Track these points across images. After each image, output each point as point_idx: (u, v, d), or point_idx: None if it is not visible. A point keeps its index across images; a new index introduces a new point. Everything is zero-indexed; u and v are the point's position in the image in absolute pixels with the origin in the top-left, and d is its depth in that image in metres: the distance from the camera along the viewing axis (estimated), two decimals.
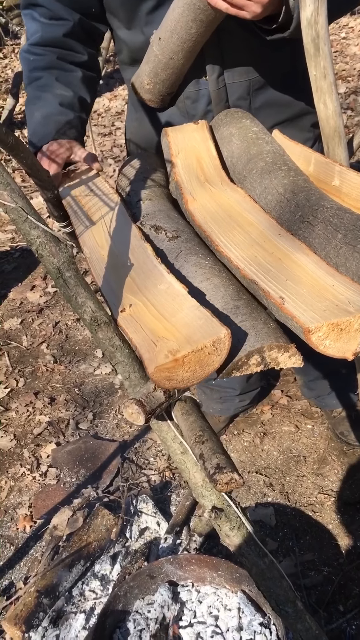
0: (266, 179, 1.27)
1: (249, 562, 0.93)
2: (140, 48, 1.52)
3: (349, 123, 4.41)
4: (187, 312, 0.89)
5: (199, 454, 0.84)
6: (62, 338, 3.14)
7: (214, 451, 0.82)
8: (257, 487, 2.16)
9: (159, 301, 0.94)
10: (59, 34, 1.52)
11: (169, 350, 0.81)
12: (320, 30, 1.10)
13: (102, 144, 5.02)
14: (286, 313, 0.87)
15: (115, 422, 2.57)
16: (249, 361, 0.85)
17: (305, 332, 0.82)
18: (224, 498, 0.92)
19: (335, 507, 2.05)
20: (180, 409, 0.92)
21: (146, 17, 1.46)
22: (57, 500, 2.21)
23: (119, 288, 1.01)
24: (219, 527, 0.92)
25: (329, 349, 0.84)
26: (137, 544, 1.94)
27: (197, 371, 0.81)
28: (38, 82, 1.53)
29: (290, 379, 2.61)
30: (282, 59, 1.52)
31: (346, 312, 0.84)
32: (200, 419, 0.90)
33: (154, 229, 1.21)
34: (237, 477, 0.79)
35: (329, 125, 1.21)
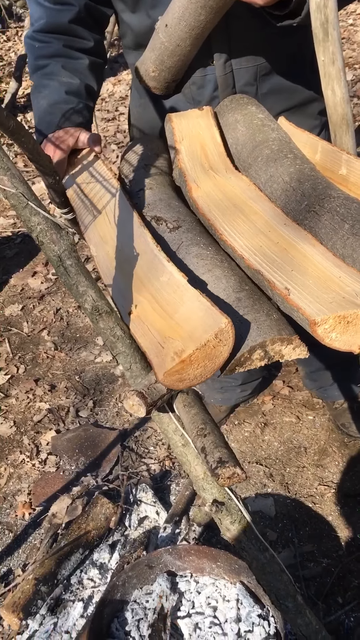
0: (272, 167, 1.24)
1: (250, 556, 0.92)
2: (145, 32, 1.49)
3: (356, 111, 4.36)
4: (188, 304, 0.87)
5: (201, 448, 0.82)
6: (63, 325, 3.13)
7: (216, 445, 0.81)
8: (257, 478, 2.16)
9: (162, 296, 0.92)
10: (65, 20, 1.49)
11: (175, 352, 0.79)
12: (329, 15, 1.07)
13: (105, 129, 4.97)
14: (291, 304, 0.85)
15: (115, 410, 2.56)
16: (252, 356, 0.83)
17: (311, 325, 0.80)
18: (225, 491, 0.91)
19: (335, 499, 2.04)
20: (182, 401, 0.91)
21: (152, 1, 1.43)
22: (57, 488, 2.20)
23: (126, 287, 0.98)
24: (219, 520, 0.91)
25: (335, 342, 0.82)
26: (136, 533, 1.93)
27: (207, 365, 0.80)
28: (44, 70, 1.50)
29: (292, 370, 2.60)
30: (290, 45, 1.48)
31: (353, 304, 0.82)
32: (202, 411, 0.89)
33: (155, 220, 1.19)
34: (240, 471, 0.78)
35: (337, 112, 1.19)
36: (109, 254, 1.11)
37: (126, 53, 1.65)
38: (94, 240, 1.20)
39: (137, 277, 0.99)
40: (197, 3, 1.27)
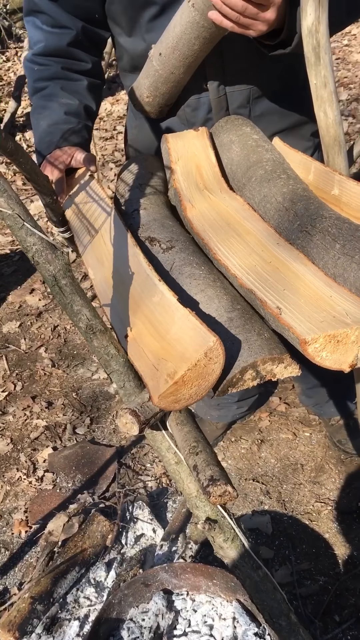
0: (265, 187, 1.26)
1: (243, 574, 0.92)
2: (140, 55, 1.52)
3: (350, 130, 4.41)
4: (179, 324, 0.88)
5: (193, 465, 0.83)
6: (60, 342, 3.14)
7: (208, 463, 0.82)
8: (254, 495, 2.15)
9: (155, 317, 0.93)
10: (63, 44, 1.52)
11: (168, 374, 0.80)
12: (321, 39, 1.09)
13: (103, 147, 5.02)
14: (283, 324, 0.86)
15: (112, 427, 2.56)
16: (244, 377, 0.84)
17: (301, 344, 0.81)
18: (218, 509, 0.92)
19: (332, 516, 2.04)
20: (175, 419, 0.91)
21: (147, 24, 1.46)
22: (53, 506, 2.20)
23: (123, 310, 1.00)
24: (212, 538, 0.91)
25: (325, 361, 0.83)
26: (133, 551, 1.93)
27: (201, 384, 0.81)
28: (43, 92, 1.53)
29: (289, 386, 2.60)
30: (283, 69, 1.51)
31: (343, 323, 0.84)
32: (194, 429, 0.89)
33: (149, 241, 1.21)
34: (231, 489, 0.78)
35: (329, 134, 1.21)
36: (106, 278, 1.13)
37: (122, 75, 1.67)
38: (91, 263, 1.22)
39: (132, 299, 1.00)
40: (191, 34, 1.30)
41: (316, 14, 1.06)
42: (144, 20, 1.46)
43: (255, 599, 0.92)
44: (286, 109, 1.59)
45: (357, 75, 5.53)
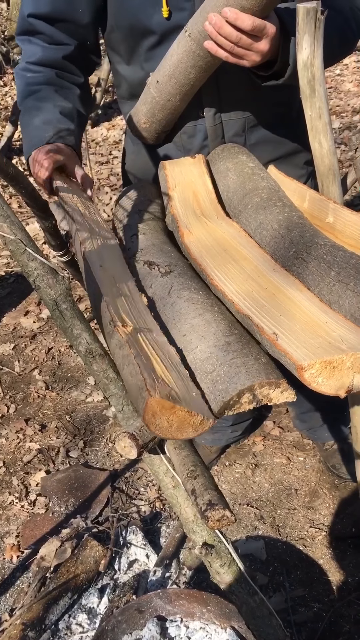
0: (261, 214, 1.29)
1: (239, 600, 0.92)
2: (139, 83, 1.55)
3: (343, 158, 4.49)
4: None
5: (191, 490, 0.83)
6: (54, 364, 3.13)
7: (206, 487, 0.82)
8: (248, 520, 2.14)
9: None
10: (59, 56, 1.52)
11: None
12: (316, 73, 1.13)
13: (99, 172, 5.07)
14: (279, 349, 0.88)
15: (106, 451, 2.55)
16: (241, 400, 0.85)
17: (298, 369, 0.82)
18: (215, 534, 0.92)
19: (326, 542, 2.03)
20: (173, 442, 0.92)
21: (146, 53, 1.50)
22: (46, 530, 2.18)
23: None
24: (209, 563, 0.91)
25: (321, 386, 0.84)
26: (126, 577, 1.91)
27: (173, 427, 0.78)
28: (37, 94, 1.51)
29: (283, 410, 2.61)
30: (278, 99, 1.55)
31: (339, 349, 0.85)
32: (192, 453, 0.90)
33: (147, 265, 1.22)
34: (229, 514, 0.79)
35: (324, 163, 1.24)
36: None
37: (120, 103, 1.71)
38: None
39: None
40: (188, 62, 1.33)
41: (311, 48, 1.09)
42: (142, 49, 1.50)
43: (251, 625, 0.92)
44: (280, 139, 1.63)
45: (349, 104, 5.64)
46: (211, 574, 0.93)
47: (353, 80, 6.17)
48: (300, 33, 1.09)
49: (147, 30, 1.46)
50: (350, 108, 5.55)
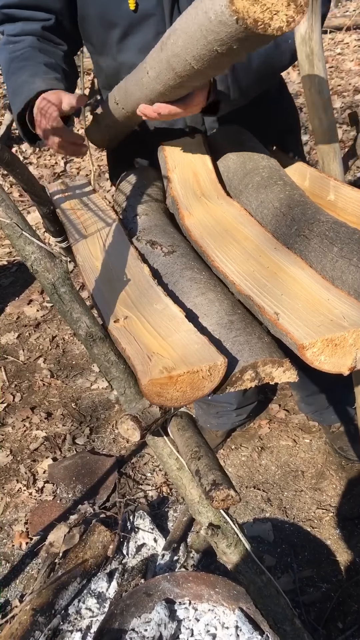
0: (262, 193, 1.27)
1: (247, 580, 0.92)
2: (112, 75, 1.53)
3: (345, 138, 4.44)
4: (183, 334, 0.89)
5: (195, 470, 0.83)
6: (59, 352, 3.13)
7: (210, 467, 0.82)
8: (255, 503, 2.15)
9: (154, 320, 0.94)
10: (39, 27, 1.49)
11: (164, 366, 0.81)
12: (314, 47, 1.11)
13: (99, 158, 5.04)
14: (281, 329, 0.87)
15: (112, 437, 2.55)
16: (243, 377, 0.84)
17: (299, 348, 0.82)
18: (220, 515, 0.91)
19: (333, 523, 2.03)
20: (176, 424, 0.91)
21: (117, 45, 1.47)
22: (54, 517, 2.19)
23: (112, 299, 1.00)
24: (215, 544, 0.91)
25: (324, 365, 0.83)
26: (134, 561, 1.92)
27: (187, 392, 0.81)
28: (20, 57, 1.47)
29: (288, 393, 2.60)
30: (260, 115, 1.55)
31: (340, 327, 0.84)
32: (196, 434, 0.89)
33: (150, 244, 1.21)
34: (234, 493, 0.78)
35: (325, 140, 1.22)
36: (97, 267, 1.13)
37: (103, 92, 1.68)
38: (82, 253, 1.23)
39: (127, 296, 1.01)
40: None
41: (309, 22, 1.07)
42: (112, 41, 1.47)
43: (259, 604, 0.92)
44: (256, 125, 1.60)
45: (350, 83, 5.57)
46: (218, 554, 0.93)
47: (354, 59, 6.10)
48: None
49: (115, 22, 1.43)
50: (352, 87, 5.49)
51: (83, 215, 1.41)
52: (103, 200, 1.48)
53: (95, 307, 1.02)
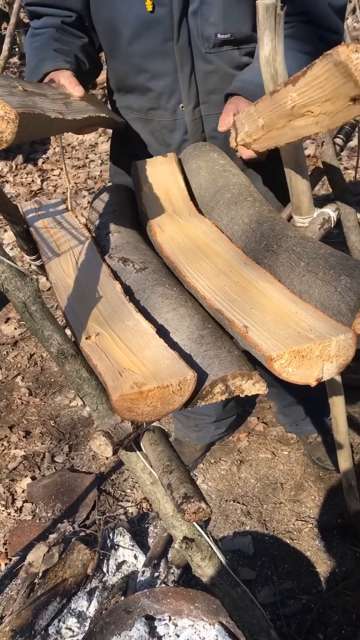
0: (232, 209, 1.30)
1: (222, 592, 0.93)
2: (121, 78, 1.59)
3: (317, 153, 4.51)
4: (154, 350, 0.90)
5: (167, 484, 0.84)
6: (37, 370, 3.12)
7: (182, 481, 0.83)
8: (235, 516, 2.15)
9: (126, 336, 0.95)
10: (58, 21, 1.57)
11: (135, 382, 0.82)
12: (278, 68, 1.13)
13: (76, 176, 5.06)
14: (250, 342, 0.88)
15: (91, 454, 2.54)
16: (213, 390, 0.86)
17: (267, 360, 0.83)
18: (194, 528, 0.92)
19: (313, 534, 2.05)
20: (149, 439, 0.92)
21: (126, 48, 1.52)
22: (33, 536, 2.17)
23: (84, 316, 1.01)
24: (190, 557, 0.92)
25: (291, 376, 0.85)
26: (114, 579, 1.91)
27: (157, 407, 0.82)
28: (37, 46, 1.55)
29: (266, 406, 2.62)
30: None
31: (307, 339, 0.86)
32: (168, 448, 0.90)
33: (122, 261, 1.23)
34: (205, 506, 0.79)
35: (291, 157, 1.25)
36: (69, 285, 1.15)
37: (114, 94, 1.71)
38: (55, 271, 1.24)
39: (99, 313, 1.02)
40: None
41: (272, 44, 1.10)
42: (120, 45, 1.53)
43: (234, 616, 0.93)
44: None
45: None
46: (193, 567, 0.94)
47: None
48: (260, 29, 1.10)
49: (124, 25, 1.48)
50: None
51: (56, 234, 1.43)
52: (76, 219, 1.50)
53: (68, 324, 1.03)
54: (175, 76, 1.54)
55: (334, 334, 0.86)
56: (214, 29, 1.47)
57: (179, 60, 1.51)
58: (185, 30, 1.47)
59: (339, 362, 0.88)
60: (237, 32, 1.49)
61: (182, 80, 1.53)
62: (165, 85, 1.56)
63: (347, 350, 0.88)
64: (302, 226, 1.35)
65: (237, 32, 1.49)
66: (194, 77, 1.54)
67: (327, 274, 0.98)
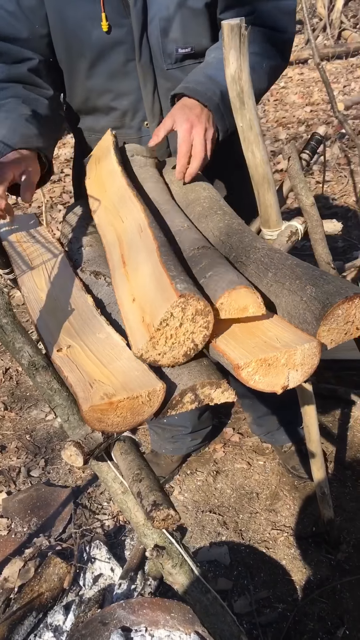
0: (203, 222, 1.33)
1: (193, 599, 0.94)
2: (83, 100, 1.60)
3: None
4: (125, 362, 0.92)
5: (137, 492, 0.85)
6: (12, 384, 3.11)
7: (151, 489, 0.84)
8: (211, 527, 2.16)
9: (96, 348, 0.96)
10: (24, 70, 1.53)
11: (105, 393, 0.83)
12: (244, 86, 1.17)
13: (51, 190, 5.07)
14: (218, 350, 0.91)
15: (67, 468, 2.54)
16: (183, 399, 0.88)
17: (235, 368, 0.86)
18: (165, 536, 0.94)
19: (288, 542, 2.06)
20: (119, 448, 0.94)
21: (86, 72, 1.53)
22: (8, 552, 2.15)
23: (55, 329, 1.03)
24: (161, 565, 0.93)
25: (258, 384, 0.88)
26: (91, 592, 1.90)
27: (127, 418, 0.84)
28: (4, 107, 1.50)
29: (242, 417, 2.64)
30: None
31: (273, 347, 0.88)
32: (138, 457, 0.92)
33: (94, 275, 1.24)
34: (174, 513, 0.81)
35: (258, 172, 1.28)
36: (41, 298, 1.16)
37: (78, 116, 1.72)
38: (27, 285, 1.25)
39: (71, 326, 1.04)
40: None
41: (238, 62, 1.13)
42: (80, 69, 1.53)
43: (205, 622, 0.94)
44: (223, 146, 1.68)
45: (294, 115, 5.78)
46: (164, 576, 0.95)
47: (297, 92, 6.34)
48: (226, 48, 1.13)
49: (85, 47, 1.50)
50: (296, 119, 5.69)
51: (29, 248, 1.44)
52: (49, 233, 1.51)
53: (40, 337, 1.04)
54: (138, 94, 1.56)
55: (299, 343, 0.89)
56: (174, 44, 1.50)
57: (141, 78, 1.53)
58: (146, 49, 1.50)
59: (304, 370, 0.91)
60: (197, 45, 1.52)
61: (145, 97, 1.56)
62: (129, 104, 1.58)
63: (311, 359, 0.90)
64: (271, 238, 1.38)
65: (197, 45, 1.52)
66: (157, 94, 1.57)
67: (294, 284, 1.01)
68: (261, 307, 0.93)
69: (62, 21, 1.48)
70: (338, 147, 4.66)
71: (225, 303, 0.93)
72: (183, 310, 0.87)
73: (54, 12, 1.48)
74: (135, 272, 1.05)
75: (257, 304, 0.93)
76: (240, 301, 0.93)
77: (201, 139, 1.37)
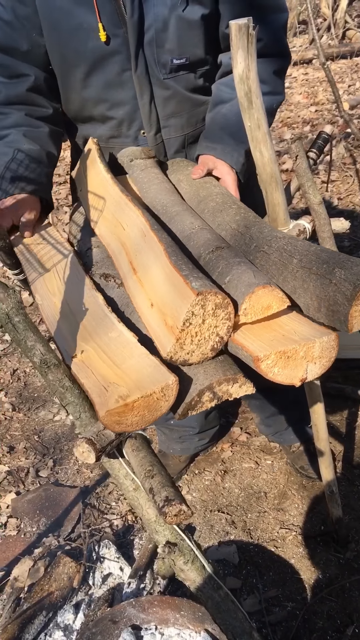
0: (219, 216, 1.33)
1: (204, 596, 0.94)
2: (78, 109, 1.60)
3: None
4: (137, 359, 0.92)
5: (149, 488, 0.86)
6: (20, 385, 3.12)
7: (163, 484, 0.85)
8: (220, 526, 2.17)
9: (110, 348, 0.97)
10: (22, 89, 1.56)
11: (120, 395, 0.84)
12: (252, 85, 1.17)
13: (57, 192, 5.09)
14: (236, 344, 0.91)
15: (76, 468, 2.55)
16: (202, 399, 0.89)
17: (254, 360, 0.86)
18: (177, 532, 0.94)
19: (296, 542, 2.07)
20: (131, 445, 0.94)
21: (81, 82, 1.54)
22: (18, 551, 2.16)
23: (70, 335, 1.04)
24: (173, 562, 0.94)
25: (277, 376, 0.88)
26: (100, 591, 1.91)
27: (145, 416, 0.85)
28: (6, 139, 1.56)
29: (249, 416, 2.65)
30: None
31: (292, 340, 0.89)
32: (150, 454, 0.93)
33: (104, 278, 1.25)
34: (186, 508, 0.81)
35: (266, 172, 1.29)
36: (55, 304, 1.17)
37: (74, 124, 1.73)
38: (40, 291, 1.26)
39: (84, 329, 1.04)
40: None
41: (245, 62, 1.14)
42: (76, 79, 1.54)
43: (217, 619, 0.94)
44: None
45: (299, 115, 5.78)
46: (176, 572, 0.95)
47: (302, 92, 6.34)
48: (234, 48, 1.14)
49: (80, 57, 1.50)
50: (301, 119, 5.69)
51: (40, 251, 1.45)
52: (59, 233, 1.52)
53: (56, 345, 1.05)
54: (134, 104, 1.56)
55: (317, 336, 0.90)
56: (169, 55, 1.50)
57: (138, 88, 1.54)
58: (142, 59, 1.50)
59: (322, 362, 0.91)
60: (192, 55, 1.52)
61: (142, 107, 1.56)
62: (125, 114, 1.59)
63: (329, 352, 0.91)
64: None
65: (192, 56, 1.52)
66: (154, 104, 1.57)
67: (321, 268, 1.00)
68: (284, 301, 0.94)
69: (56, 31, 1.48)
70: (343, 147, 4.66)
71: (249, 308, 0.93)
72: (203, 307, 0.88)
73: (48, 22, 1.48)
74: (147, 277, 1.06)
75: (278, 299, 0.94)
76: (263, 301, 0.93)
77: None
